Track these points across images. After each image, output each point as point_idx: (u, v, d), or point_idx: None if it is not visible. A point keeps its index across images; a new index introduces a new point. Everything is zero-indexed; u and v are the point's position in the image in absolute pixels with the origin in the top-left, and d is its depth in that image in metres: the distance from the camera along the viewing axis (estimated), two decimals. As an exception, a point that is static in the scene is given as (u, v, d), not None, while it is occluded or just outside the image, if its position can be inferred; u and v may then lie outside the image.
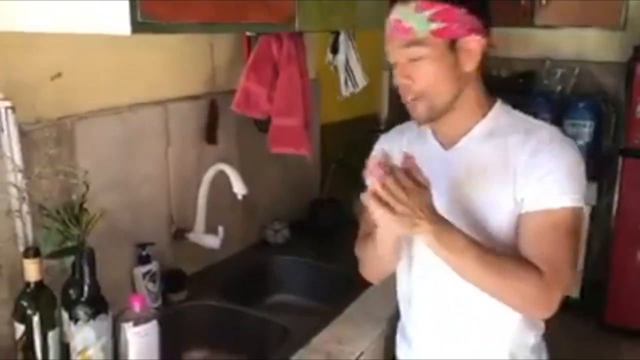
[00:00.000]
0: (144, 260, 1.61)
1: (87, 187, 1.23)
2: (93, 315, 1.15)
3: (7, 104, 1.22)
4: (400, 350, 1.42)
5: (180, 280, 1.71)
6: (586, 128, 3.21)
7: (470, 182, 1.19)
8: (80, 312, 1.15)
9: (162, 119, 1.68)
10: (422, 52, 1.12)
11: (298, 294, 1.95)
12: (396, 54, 1.15)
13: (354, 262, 1.54)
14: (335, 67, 2.16)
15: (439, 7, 1.10)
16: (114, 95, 1.54)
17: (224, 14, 1.25)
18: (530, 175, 1.13)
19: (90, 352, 1.16)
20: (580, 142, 3.22)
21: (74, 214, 1.20)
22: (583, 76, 3.46)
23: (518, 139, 1.17)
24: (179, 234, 1.75)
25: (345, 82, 2.16)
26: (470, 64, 1.15)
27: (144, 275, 1.60)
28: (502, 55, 3.63)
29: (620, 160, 3.08)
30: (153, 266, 1.62)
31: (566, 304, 3.74)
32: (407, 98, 1.18)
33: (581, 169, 1.15)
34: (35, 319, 1.17)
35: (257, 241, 2.11)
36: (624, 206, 3.13)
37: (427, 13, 1.10)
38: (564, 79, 3.46)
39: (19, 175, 1.19)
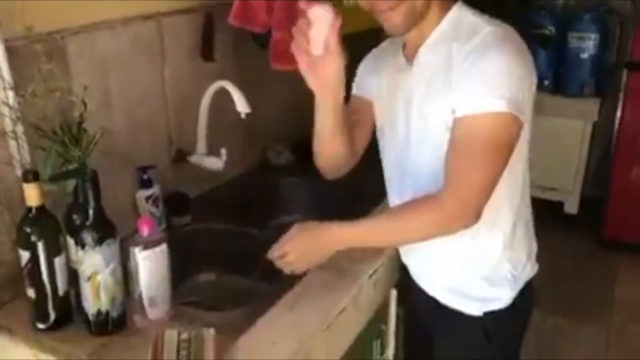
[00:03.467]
0: (145, 184, 1.55)
1: (86, 105, 1.15)
2: (100, 241, 1.10)
3: (-9, 17, 1.12)
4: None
5: (183, 204, 1.66)
6: (591, 41, 3.11)
7: (420, 95, 1.20)
8: (87, 237, 1.10)
9: (156, 34, 1.57)
10: None
11: (304, 215, 1.91)
12: None
13: (360, 180, 1.51)
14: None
15: None
16: (105, 8, 1.43)
17: None
18: (460, 81, 1.11)
19: (100, 278, 1.11)
20: (585, 56, 3.14)
21: (72, 134, 1.12)
22: (587, -14, 3.33)
23: (460, 44, 1.13)
24: (180, 156, 1.69)
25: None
26: None
27: (147, 199, 1.55)
28: (504, -34, 3.48)
29: (625, 74, 3.01)
30: (155, 190, 1.56)
31: (564, 220, 3.76)
32: (383, 8, 1.15)
33: (514, 73, 1.09)
34: (40, 245, 1.12)
35: (259, 163, 2.06)
36: (626, 121, 3.09)
37: None
38: (567, -9, 3.34)
39: (10, 93, 1.10)
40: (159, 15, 1.57)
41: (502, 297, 1.30)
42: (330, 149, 1.33)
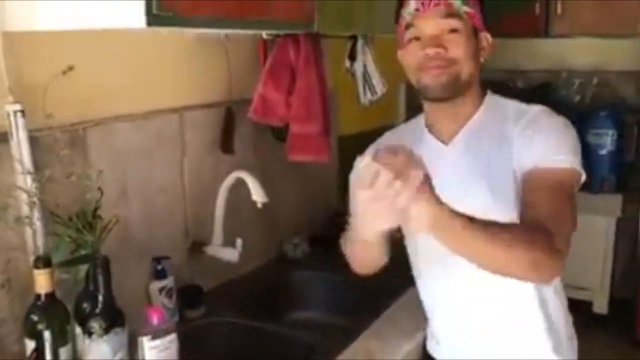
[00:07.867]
0: (159, 275, 1.53)
1: (102, 192, 1.16)
2: (108, 329, 1.07)
3: (17, 107, 1.16)
4: (430, 347, 1.41)
5: (197, 296, 1.62)
6: (609, 137, 3.11)
7: (475, 174, 1.20)
8: (95, 325, 1.07)
9: (178, 127, 1.62)
10: (459, 25, 1.17)
11: (320, 310, 1.85)
12: (432, 25, 1.16)
13: (378, 274, 1.45)
14: (353, 75, 2.09)
15: None
16: (129, 101, 1.48)
17: (243, 9, 1.21)
18: (525, 144, 1.15)
19: (106, 369, 1.07)
20: (603, 152, 3.13)
21: (87, 220, 1.12)
22: (602, 86, 3.38)
23: (510, 119, 1.20)
24: (196, 247, 1.68)
25: (364, 90, 2.10)
26: (484, 55, 1.23)
27: (160, 290, 1.52)
28: (518, 68, 3.57)
29: (646, 170, 2.98)
30: (169, 281, 1.54)
31: (594, 320, 3.57)
32: (433, 64, 1.16)
33: (573, 137, 1.18)
34: (47, 334, 1.08)
35: (277, 256, 2.03)
36: (651, 217, 3.02)
37: None
38: (582, 90, 3.38)
39: (29, 179, 1.12)
40: (181, 109, 1.62)
41: None
42: (371, 258, 1.25)
